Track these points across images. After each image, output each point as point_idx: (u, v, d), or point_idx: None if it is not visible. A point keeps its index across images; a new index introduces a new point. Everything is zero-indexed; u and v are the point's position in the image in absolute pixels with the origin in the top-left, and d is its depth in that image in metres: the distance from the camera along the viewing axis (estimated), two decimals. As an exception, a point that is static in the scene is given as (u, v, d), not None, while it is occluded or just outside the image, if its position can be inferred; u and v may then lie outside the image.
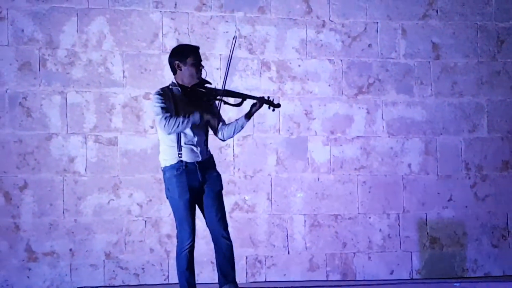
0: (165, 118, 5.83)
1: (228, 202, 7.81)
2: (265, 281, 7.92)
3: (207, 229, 7.15)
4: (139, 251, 7.92)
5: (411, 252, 8.52)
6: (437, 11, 8.69)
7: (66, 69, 7.84)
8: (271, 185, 8.17)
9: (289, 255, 8.12)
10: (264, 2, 8.30)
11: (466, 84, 8.73)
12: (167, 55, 7.80)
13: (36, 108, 7.75)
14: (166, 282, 7.91)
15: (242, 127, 6.16)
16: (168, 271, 7.94)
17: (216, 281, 6.37)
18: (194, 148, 5.94)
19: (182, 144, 5.93)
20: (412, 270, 8.51)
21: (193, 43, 7.91)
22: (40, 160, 7.74)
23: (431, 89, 8.66)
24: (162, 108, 5.89)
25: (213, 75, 8.06)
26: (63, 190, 7.78)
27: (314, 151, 8.23)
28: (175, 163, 5.91)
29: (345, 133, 8.41)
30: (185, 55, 6.04)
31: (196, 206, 6.05)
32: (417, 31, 8.65)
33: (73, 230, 7.78)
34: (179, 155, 5.91)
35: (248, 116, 6.07)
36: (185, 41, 8.02)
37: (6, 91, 7.70)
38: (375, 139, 8.52)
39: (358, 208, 8.44)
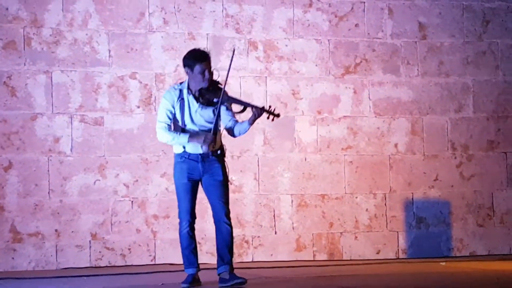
0: (160, 128, 6.22)
1: None
2: (252, 261, 7.89)
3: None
4: (125, 232, 7.87)
5: (397, 231, 8.53)
6: None
7: (51, 48, 7.76)
8: (258, 165, 8.14)
9: (276, 235, 8.08)
10: None
11: (452, 64, 8.73)
12: (153, 34, 8.00)
13: (20, 87, 7.67)
14: (153, 262, 7.89)
15: (246, 131, 6.42)
16: (155, 251, 7.91)
17: (202, 261, 6.37)
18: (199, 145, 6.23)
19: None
20: (398, 249, 8.52)
21: (180, 23, 8.06)
22: (25, 140, 7.67)
23: (418, 69, 8.65)
24: (165, 114, 6.22)
25: None
26: (48, 170, 7.71)
27: (301, 131, 8.20)
28: (181, 152, 6.27)
29: (332, 113, 8.39)
30: (193, 63, 6.23)
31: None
32: (404, 11, 8.63)
33: (59, 210, 7.72)
34: (183, 146, 6.23)
35: (251, 123, 6.33)
36: (172, 20, 8.01)
37: None
38: (361, 119, 8.50)
39: (345, 188, 8.42)
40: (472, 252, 8.65)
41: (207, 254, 7.89)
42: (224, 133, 6.42)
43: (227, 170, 6.38)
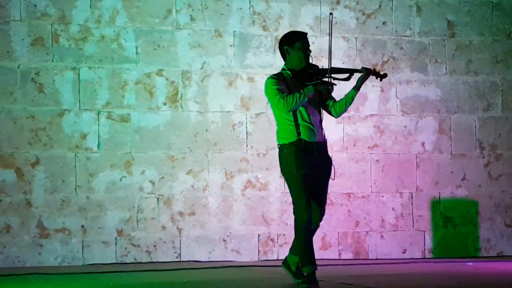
0: (283, 98, 5.90)
1: (240, 180, 8.10)
2: (277, 259, 7.80)
3: (218, 207, 6.94)
4: (151, 229, 7.86)
5: (424, 231, 8.50)
6: None
7: (78, 44, 7.76)
8: None
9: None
10: None
11: (481, 63, 8.70)
12: (180, 31, 7.98)
13: (48, 84, 7.67)
14: (178, 259, 7.88)
15: (353, 99, 6.12)
16: (180, 248, 7.90)
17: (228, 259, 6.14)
18: (311, 127, 5.98)
19: (300, 123, 5.97)
20: (425, 249, 8.50)
21: (207, 20, 8.04)
22: (52, 136, 7.67)
23: (446, 68, 8.61)
24: (277, 89, 5.95)
25: (226, 52, 8.11)
26: (75, 166, 7.72)
27: (328, 129, 7.83)
28: (294, 141, 5.95)
29: (358, 111, 8.36)
30: (293, 41, 6.11)
31: None
32: (432, 8, 8.60)
33: (85, 206, 7.73)
34: (298, 134, 5.96)
35: (357, 87, 6.07)
36: (199, 17, 8.01)
37: (18, 67, 7.61)
38: (388, 117, 8.47)
39: (371, 186, 8.41)
40: (499, 252, 8.62)
41: (233, 251, 7.92)
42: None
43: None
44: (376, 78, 6.09)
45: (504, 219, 8.64)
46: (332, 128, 8.01)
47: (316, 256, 7.63)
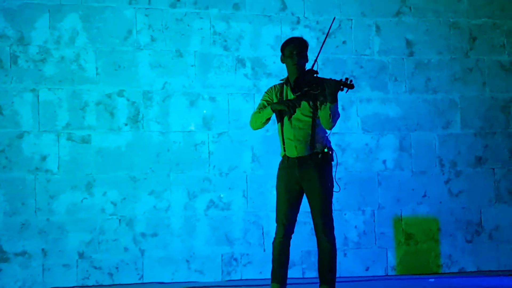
0: (252, 114, 6.07)
1: (203, 200, 8.02)
2: (241, 279, 7.81)
3: (181, 228, 6.77)
4: (113, 250, 7.78)
5: (386, 248, 8.49)
6: (410, 8, 8.70)
7: (38, 66, 7.67)
8: (246, 182, 8.04)
9: (265, 253, 7.95)
10: None
11: (440, 81, 8.73)
12: (141, 52, 7.91)
13: (7, 105, 7.57)
14: (141, 281, 7.81)
15: (331, 111, 5.89)
16: (142, 270, 7.82)
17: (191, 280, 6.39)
18: (293, 143, 5.93)
19: (284, 138, 5.99)
20: (387, 266, 8.48)
21: (167, 40, 7.99)
22: (11, 158, 7.56)
23: (405, 86, 8.64)
24: (260, 103, 6.08)
25: (187, 72, 8.08)
26: (35, 188, 7.61)
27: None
28: (282, 157, 6.05)
29: None
30: (282, 49, 6.08)
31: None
32: (391, 28, 8.63)
33: (46, 229, 7.62)
34: (284, 149, 6.00)
35: (330, 101, 5.87)
36: (159, 37, 7.99)
37: None
38: (350, 135, 8.46)
39: (333, 204, 8.16)
40: (461, 268, 8.62)
41: (196, 272, 7.87)
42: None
43: (328, 176, 6.01)
44: (342, 90, 5.97)
45: (465, 235, 8.64)
46: None
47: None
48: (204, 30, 8.07)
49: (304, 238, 8.04)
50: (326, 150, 5.97)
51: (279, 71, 8.06)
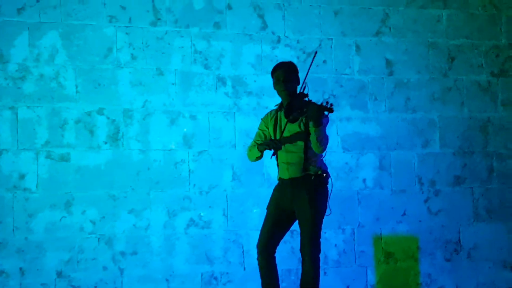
0: (249, 149, 6.32)
1: (183, 218, 7.99)
2: None
3: (161, 246, 6.74)
4: (92, 269, 7.71)
5: (366, 267, 8.50)
6: (390, 28, 8.74)
7: (17, 83, 7.61)
8: (226, 200, 8.02)
9: (245, 271, 7.94)
10: (220, 17, 8.22)
11: (419, 100, 8.77)
12: (121, 70, 7.88)
13: None
14: None
15: (317, 134, 5.95)
16: None
17: None
18: (285, 166, 6.09)
19: (279, 162, 6.21)
20: (367, 285, 8.49)
21: (148, 58, 7.98)
22: None
23: (385, 105, 8.67)
24: (254, 138, 6.31)
25: (168, 90, 8.06)
26: (13, 207, 7.53)
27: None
28: (278, 179, 6.26)
29: None
30: (272, 75, 6.26)
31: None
32: (371, 47, 8.67)
33: (24, 248, 7.54)
34: (278, 172, 6.23)
35: (314, 125, 5.92)
36: (140, 55, 7.98)
37: None
38: (330, 154, 8.34)
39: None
40: (440, 287, 8.66)
41: None
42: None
43: (319, 199, 6.07)
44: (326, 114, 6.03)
45: (444, 254, 8.68)
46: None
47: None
48: (185, 49, 8.06)
49: (284, 256, 8.02)
50: (320, 172, 6.04)
51: (259, 89, 8.12)
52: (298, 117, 6.00)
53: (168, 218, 7.92)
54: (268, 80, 8.08)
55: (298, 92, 6.17)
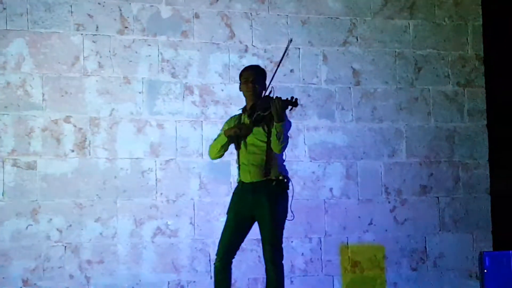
0: (210, 146, 6.30)
1: (150, 227, 7.96)
2: None
3: (128, 255, 6.72)
4: (58, 278, 7.67)
5: (332, 276, 8.49)
6: (357, 38, 8.78)
7: None
8: (194, 209, 8.03)
9: (211, 280, 7.82)
10: (187, 26, 8.23)
11: (386, 110, 8.81)
12: (88, 78, 7.86)
13: None
14: None
15: (278, 131, 5.91)
16: None
17: None
18: (247, 168, 6.04)
19: (240, 164, 6.13)
20: None
21: (115, 67, 7.95)
22: None
23: (352, 114, 8.70)
24: (218, 135, 6.24)
25: (135, 98, 8.04)
26: None
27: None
28: (238, 182, 6.18)
29: None
30: (239, 76, 6.28)
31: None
32: (338, 57, 8.70)
33: None
34: (239, 174, 6.15)
35: (276, 120, 5.87)
36: (107, 64, 7.95)
37: None
38: (297, 163, 8.46)
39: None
40: None
41: None
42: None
43: (280, 204, 6.08)
44: (290, 109, 5.99)
45: (410, 263, 8.68)
46: None
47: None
48: (152, 57, 8.06)
49: (250, 265, 8.11)
50: (281, 177, 6.06)
51: (227, 98, 8.16)
52: (261, 117, 6.01)
53: (135, 226, 7.88)
54: (236, 89, 8.11)
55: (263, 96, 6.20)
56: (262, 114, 6.00)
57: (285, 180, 6.07)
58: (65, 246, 7.67)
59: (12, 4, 7.66)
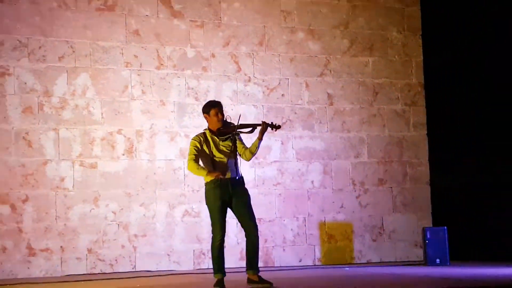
0: (190, 160, 5.86)
1: (180, 210, 7.91)
2: (207, 268, 7.70)
3: (164, 230, 6.79)
4: (113, 247, 7.72)
5: (314, 245, 8.45)
6: (330, 71, 8.71)
7: (58, 111, 7.66)
8: None
9: (225, 249, 7.59)
10: (206, 63, 8.22)
11: (352, 124, 8.74)
12: (134, 101, 7.88)
13: (35, 140, 7.56)
14: (134, 270, 7.73)
15: (257, 147, 5.98)
16: (135, 261, 7.76)
17: (171, 269, 6.14)
18: (226, 169, 5.85)
19: (216, 167, 5.86)
20: (315, 258, 8.44)
21: (154, 93, 7.95)
22: (38, 179, 7.53)
23: (327, 127, 8.64)
24: (193, 149, 5.89)
25: (169, 116, 7.99)
26: (55, 202, 7.56)
27: (244, 171, 7.76)
28: (212, 180, 5.85)
29: (265, 159, 8.34)
30: (208, 109, 6.00)
31: (232, 211, 5.98)
32: (316, 84, 8.64)
33: (63, 232, 7.57)
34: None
35: (259, 138, 5.94)
36: (148, 90, 7.93)
37: (12, 128, 7.50)
38: (287, 163, 8.45)
39: (275, 213, 8.35)
40: (368, 260, 8.64)
41: (174, 263, 7.73)
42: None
43: (249, 194, 5.99)
44: (272, 129, 5.98)
45: (371, 236, 8.66)
46: (247, 171, 7.99)
47: (235, 265, 7.56)
48: (181, 86, 8.05)
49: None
50: (242, 176, 6.01)
51: (234, 115, 7.94)
52: (228, 135, 5.93)
53: (169, 209, 7.90)
54: (241, 108, 8.18)
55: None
56: (229, 134, 5.93)
57: (242, 177, 6.02)
58: (118, 224, 7.73)
59: (79, 48, 7.74)
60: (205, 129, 6.07)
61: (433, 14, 9.07)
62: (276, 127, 5.95)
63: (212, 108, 6.00)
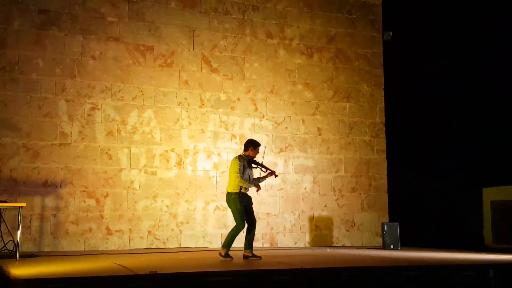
0: (241, 177, 5.96)
1: (213, 206, 7.94)
2: (233, 247, 7.51)
3: (201, 220, 6.91)
4: (165, 230, 7.75)
5: (305, 233, 8.47)
6: (320, 112, 8.75)
7: (131, 135, 7.75)
8: None
9: (243, 234, 7.67)
10: (233, 104, 8.28)
11: (334, 149, 8.77)
12: (183, 130, 7.89)
13: (114, 155, 7.64)
14: (180, 246, 7.76)
15: (255, 185, 6.13)
16: (181, 241, 7.79)
17: (206, 246, 6.32)
18: (246, 186, 6.08)
19: (242, 185, 6.04)
20: (306, 242, 8.44)
21: (197, 124, 7.93)
22: (115, 182, 7.62)
23: (316, 150, 8.67)
24: (240, 168, 5.98)
25: (207, 140, 8.01)
26: (127, 198, 7.64)
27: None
28: (238, 191, 6.04)
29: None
30: (255, 146, 6.16)
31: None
32: (309, 121, 8.70)
33: (131, 218, 7.63)
34: (240, 188, 6.03)
35: (258, 181, 6.11)
36: (193, 122, 7.98)
37: (99, 146, 7.56)
38: (288, 175, 8.49)
39: (279, 209, 8.41)
40: (343, 244, 8.61)
41: (208, 242, 7.67)
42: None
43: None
44: (275, 177, 6.18)
45: (345, 227, 8.64)
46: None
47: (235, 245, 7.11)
48: (216, 120, 8.13)
49: (263, 226, 7.93)
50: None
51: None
52: (255, 166, 6.19)
53: (205, 205, 7.95)
54: (257, 137, 8.15)
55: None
56: (259, 167, 6.12)
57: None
58: (169, 214, 7.76)
59: (146, 92, 7.84)
60: (243, 154, 6.14)
61: (392, 74, 9.20)
62: (276, 176, 6.23)
63: (256, 146, 6.22)
